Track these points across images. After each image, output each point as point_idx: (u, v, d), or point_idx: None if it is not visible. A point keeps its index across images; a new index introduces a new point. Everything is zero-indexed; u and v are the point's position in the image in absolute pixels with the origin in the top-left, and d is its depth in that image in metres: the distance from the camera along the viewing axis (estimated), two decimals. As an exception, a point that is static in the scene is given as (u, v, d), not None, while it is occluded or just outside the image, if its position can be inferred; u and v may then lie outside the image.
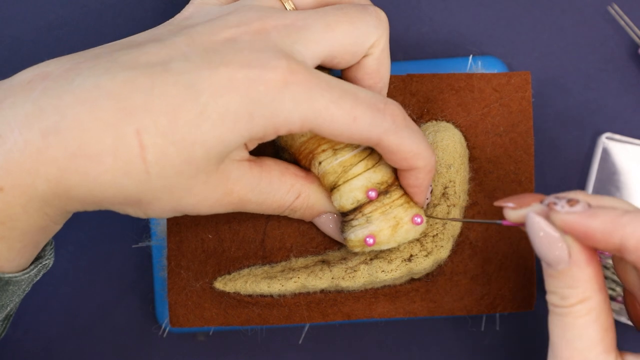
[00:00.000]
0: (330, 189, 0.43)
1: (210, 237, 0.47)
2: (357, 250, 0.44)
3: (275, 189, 0.42)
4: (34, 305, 0.55)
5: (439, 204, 0.46)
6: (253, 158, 0.41)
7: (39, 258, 0.41)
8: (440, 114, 0.48)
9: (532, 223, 0.37)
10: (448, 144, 0.46)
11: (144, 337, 0.56)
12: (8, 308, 0.41)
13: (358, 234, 0.43)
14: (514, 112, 0.48)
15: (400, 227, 0.43)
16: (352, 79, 0.43)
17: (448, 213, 0.46)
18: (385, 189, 0.43)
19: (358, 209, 0.43)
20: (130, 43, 0.39)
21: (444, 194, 0.46)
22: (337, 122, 0.39)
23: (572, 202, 0.37)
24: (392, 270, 0.46)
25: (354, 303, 0.48)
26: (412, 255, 0.46)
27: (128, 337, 0.56)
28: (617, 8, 0.55)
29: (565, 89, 0.55)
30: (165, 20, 0.42)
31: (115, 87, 0.36)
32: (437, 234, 0.46)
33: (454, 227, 0.47)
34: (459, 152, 0.47)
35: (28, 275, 0.40)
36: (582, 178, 0.55)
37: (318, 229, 0.47)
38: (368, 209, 0.43)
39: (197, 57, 0.37)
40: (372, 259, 0.46)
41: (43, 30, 0.56)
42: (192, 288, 0.47)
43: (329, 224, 0.45)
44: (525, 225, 0.38)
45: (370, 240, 0.43)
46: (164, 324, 0.53)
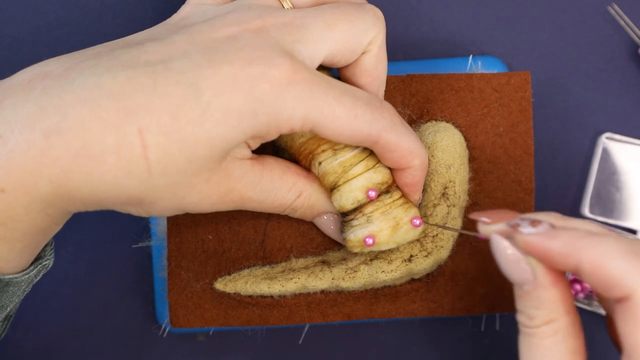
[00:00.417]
0: (330, 189, 0.43)
1: (211, 237, 0.47)
2: (356, 251, 0.44)
3: (277, 188, 0.42)
4: (34, 306, 0.55)
5: (439, 204, 0.46)
6: (255, 156, 0.41)
7: (39, 258, 0.41)
8: (440, 114, 0.48)
9: (495, 243, 0.38)
10: (448, 144, 0.46)
11: (144, 337, 0.56)
12: (8, 309, 0.41)
13: (358, 234, 0.43)
14: (514, 112, 0.48)
15: (400, 227, 0.43)
16: (350, 77, 0.43)
17: (448, 213, 0.46)
18: (386, 189, 0.43)
19: (358, 209, 0.43)
20: (130, 42, 0.39)
21: (444, 194, 0.46)
22: (338, 119, 0.39)
23: (535, 223, 0.37)
24: (392, 271, 0.45)
25: (354, 303, 0.48)
26: (412, 256, 0.46)
27: (128, 337, 0.56)
28: (617, 8, 0.55)
29: (565, 89, 0.55)
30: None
31: (117, 86, 0.36)
32: (437, 234, 0.46)
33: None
34: (459, 152, 0.47)
35: (28, 276, 0.40)
36: (582, 178, 0.55)
37: (318, 230, 0.47)
38: (369, 209, 0.43)
39: (198, 55, 0.37)
40: (372, 260, 0.46)
41: (43, 30, 0.56)
42: (192, 289, 0.47)
43: (330, 225, 0.45)
44: (490, 245, 0.38)
45: (370, 241, 0.43)
46: (164, 324, 0.53)
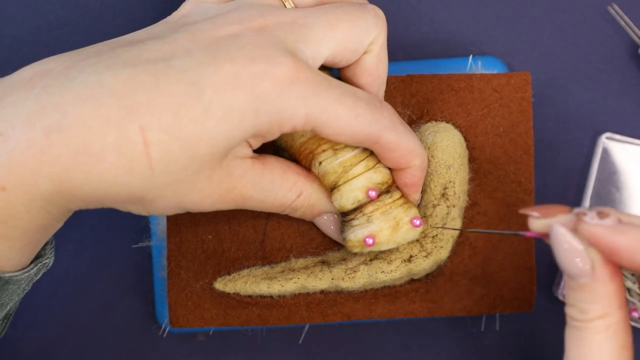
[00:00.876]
0: (331, 189, 0.43)
1: (210, 237, 0.47)
2: (356, 251, 0.44)
3: (278, 187, 0.42)
4: (34, 305, 0.55)
5: (439, 205, 0.46)
6: (256, 155, 0.41)
7: (39, 257, 0.41)
8: (440, 115, 0.48)
9: (556, 234, 0.36)
10: (448, 145, 0.46)
11: (144, 337, 0.56)
12: (8, 307, 0.41)
13: (358, 234, 0.43)
14: (514, 112, 0.48)
15: (400, 227, 0.43)
16: (350, 77, 0.43)
17: (448, 214, 0.46)
18: (386, 189, 0.43)
19: (358, 209, 0.43)
20: (130, 40, 0.39)
21: (444, 195, 0.46)
22: (340, 119, 0.39)
23: (602, 214, 0.36)
24: (391, 271, 0.45)
25: (354, 303, 0.48)
26: (411, 256, 0.46)
27: (128, 337, 0.56)
28: (617, 8, 0.55)
29: (565, 89, 0.55)
30: (166, 21, 0.42)
31: (118, 84, 0.36)
32: (436, 235, 0.46)
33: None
34: (459, 152, 0.47)
35: (28, 274, 0.40)
36: (582, 178, 0.55)
37: (318, 230, 0.47)
38: (369, 209, 0.43)
39: (200, 53, 0.37)
40: (371, 260, 0.46)
41: (43, 30, 0.56)
42: (192, 288, 0.47)
43: (330, 225, 0.45)
44: (550, 236, 0.37)
45: (370, 241, 0.43)
46: (164, 324, 0.53)
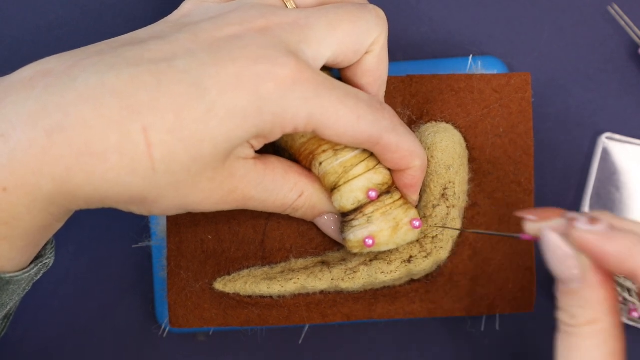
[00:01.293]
0: (331, 190, 0.43)
1: (210, 237, 0.47)
2: (356, 251, 0.44)
3: (279, 187, 0.42)
4: (34, 305, 0.55)
5: (439, 205, 0.46)
6: (257, 156, 0.41)
7: (40, 257, 0.41)
8: (440, 115, 0.48)
9: (547, 239, 0.37)
10: (447, 145, 0.46)
11: (144, 337, 0.56)
12: (8, 307, 0.41)
13: (357, 235, 0.43)
14: (514, 113, 0.48)
15: (400, 228, 0.43)
16: (351, 77, 0.43)
17: (447, 214, 0.46)
18: (387, 190, 0.43)
19: (359, 209, 0.43)
20: (132, 40, 0.39)
21: (443, 195, 0.46)
22: (342, 119, 0.39)
23: (593, 220, 0.36)
24: (391, 272, 0.45)
25: (354, 304, 0.48)
26: (411, 257, 0.46)
27: (128, 337, 0.56)
28: (617, 8, 0.55)
29: (565, 89, 0.55)
30: (166, 21, 0.42)
31: (120, 84, 0.36)
32: (436, 235, 0.46)
33: (454, 228, 0.47)
34: (459, 153, 0.47)
35: (28, 275, 0.40)
36: (582, 178, 0.55)
37: (318, 230, 0.47)
38: (369, 209, 0.43)
39: (202, 53, 0.37)
40: (371, 260, 0.46)
41: (43, 30, 0.56)
42: (191, 289, 0.47)
43: (330, 225, 0.45)
44: (541, 240, 0.37)
45: (370, 242, 0.43)
46: (164, 324, 0.53)
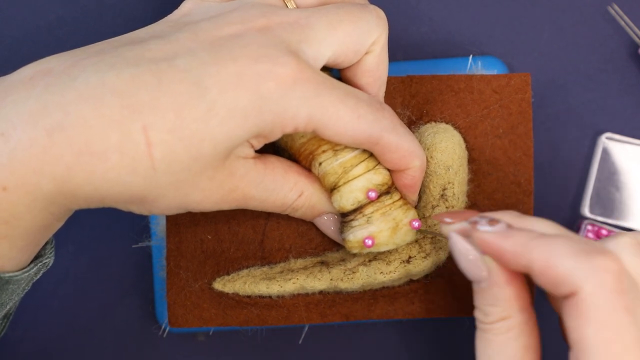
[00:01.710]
0: (331, 190, 0.43)
1: (210, 237, 0.47)
2: (355, 252, 0.44)
3: (279, 187, 0.42)
4: (34, 305, 0.55)
5: (438, 206, 0.46)
6: (258, 155, 0.41)
7: (40, 256, 0.41)
8: (440, 116, 0.48)
9: (453, 241, 0.39)
10: (447, 146, 0.46)
11: (144, 337, 0.56)
12: (8, 306, 0.41)
13: (357, 235, 0.43)
14: (514, 113, 0.48)
15: (400, 229, 0.43)
16: (351, 77, 0.43)
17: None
18: (386, 190, 0.43)
19: (358, 210, 0.43)
20: (133, 39, 0.39)
21: (443, 196, 0.46)
22: (342, 119, 0.39)
23: (493, 222, 0.38)
24: (390, 272, 0.45)
25: (353, 304, 0.48)
26: (410, 257, 0.46)
27: (128, 337, 0.56)
28: (617, 8, 0.55)
29: (565, 89, 0.55)
30: (166, 21, 0.42)
31: (121, 83, 0.36)
32: (436, 236, 0.46)
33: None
34: (458, 153, 0.47)
35: (28, 274, 0.40)
36: (582, 178, 0.55)
37: (317, 230, 0.47)
38: (369, 210, 0.43)
39: (203, 52, 0.37)
40: (370, 261, 0.46)
41: (43, 30, 0.56)
42: (191, 288, 0.47)
43: (330, 225, 0.45)
44: (449, 243, 0.39)
45: (369, 242, 0.43)
46: (164, 324, 0.53)
